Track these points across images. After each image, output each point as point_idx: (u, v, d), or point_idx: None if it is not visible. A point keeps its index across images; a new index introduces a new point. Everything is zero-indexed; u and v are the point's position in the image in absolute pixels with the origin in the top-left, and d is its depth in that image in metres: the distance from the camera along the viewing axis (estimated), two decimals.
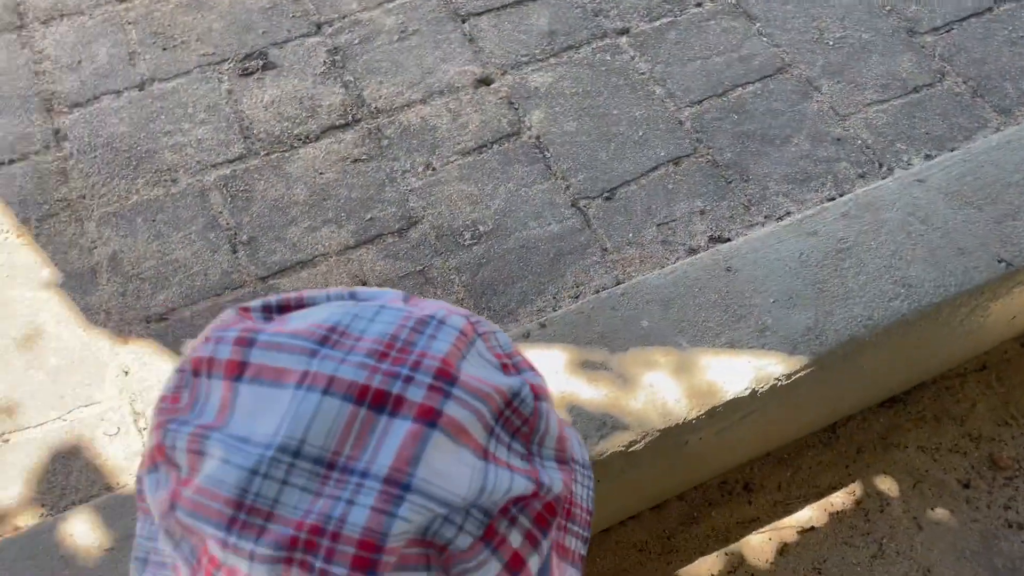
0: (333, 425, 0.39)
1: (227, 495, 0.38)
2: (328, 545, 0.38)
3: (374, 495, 0.38)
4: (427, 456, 0.39)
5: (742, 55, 2.07)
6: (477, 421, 0.41)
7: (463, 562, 0.40)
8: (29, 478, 1.50)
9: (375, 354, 0.42)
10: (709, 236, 1.79)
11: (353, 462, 0.39)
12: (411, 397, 0.41)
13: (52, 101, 2.01)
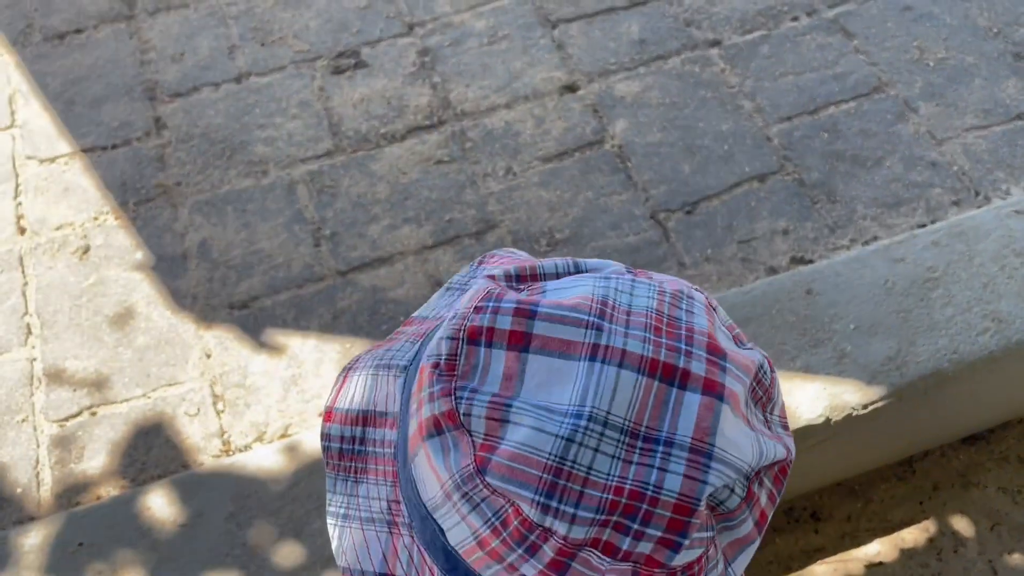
0: (633, 396, 0.42)
1: (546, 461, 0.41)
2: (646, 509, 0.41)
3: (684, 463, 0.42)
4: (720, 426, 0.43)
5: (837, 72, 2.02)
6: (743, 392, 0.45)
7: (727, 521, 0.45)
8: (113, 451, 1.57)
9: (651, 328, 0.45)
10: (791, 257, 1.75)
11: (654, 432, 0.42)
12: (695, 371, 0.44)
13: (155, 90, 2.09)
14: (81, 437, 1.58)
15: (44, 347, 1.69)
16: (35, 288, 1.77)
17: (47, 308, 1.74)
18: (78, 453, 1.57)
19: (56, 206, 1.90)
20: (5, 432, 1.59)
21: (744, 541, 0.46)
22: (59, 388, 1.64)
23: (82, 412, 1.61)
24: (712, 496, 0.43)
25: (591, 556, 0.42)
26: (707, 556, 0.44)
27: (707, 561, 0.44)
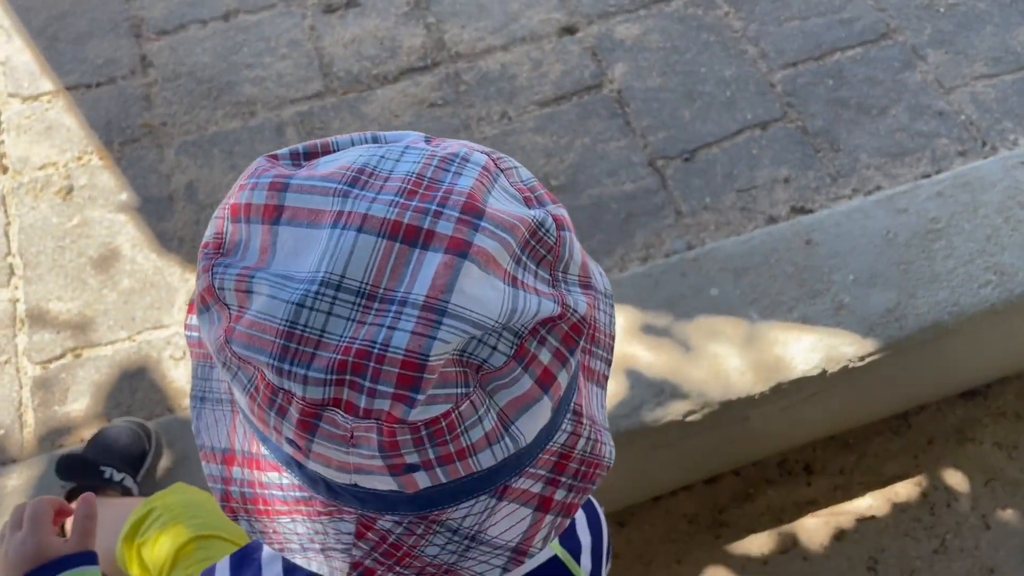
0: (370, 259, 0.43)
1: (278, 327, 0.43)
2: (374, 366, 0.42)
3: (413, 321, 0.43)
4: (460, 283, 0.43)
5: (843, 17, 1.95)
6: (504, 251, 0.45)
7: (498, 379, 0.45)
8: (97, 393, 1.55)
9: (404, 192, 0.45)
10: (791, 206, 1.71)
11: (391, 293, 0.43)
12: (441, 231, 0.44)
13: (141, 27, 2.03)
14: (65, 379, 1.56)
15: (27, 288, 1.66)
16: (18, 228, 1.74)
17: (30, 249, 1.71)
18: (61, 395, 1.54)
19: (39, 145, 1.85)
20: None
21: (525, 399, 0.46)
22: (42, 330, 1.61)
23: (66, 354, 1.59)
24: (466, 353, 0.44)
25: (335, 415, 0.44)
26: (459, 413, 0.44)
27: (460, 418, 0.44)
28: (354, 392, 0.43)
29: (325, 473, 0.48)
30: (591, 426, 0.53)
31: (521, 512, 0.52)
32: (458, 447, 0.45)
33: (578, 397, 0.52)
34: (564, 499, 0.53)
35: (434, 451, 0.45)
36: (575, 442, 0.52)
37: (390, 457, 0.45)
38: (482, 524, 0.51)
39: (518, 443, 0.47)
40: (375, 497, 0.49)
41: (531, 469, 0.51)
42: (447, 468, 0.46)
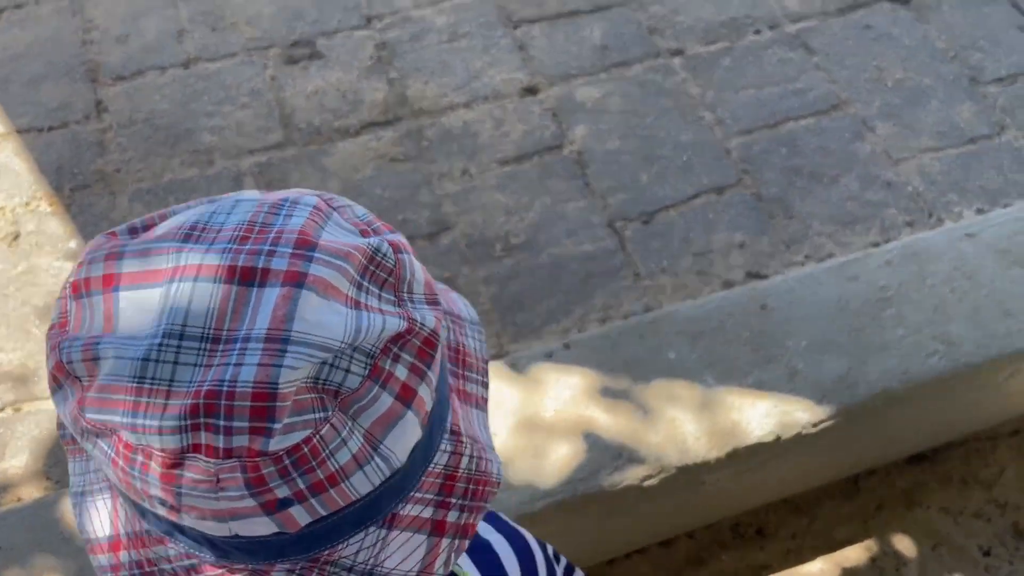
0: (210, 304, 0.44)
1: (127, 385, 0.44)
2: (226, 404, 0.43)
3: (258, 354, 0.44)
4: (299, 312, 0.44)
5: (797, 88, 2.02)
6: (342, 277, 0.46)
7: (357, 400, 0.46)
8: (36, 449, 1.49)
9: (237, 239, 0.46)
10: (746, 271, 1.74)
11: (234, 332, 0.44)
12: (276, 267, 0.45)
13: (97, 72, 2.00)
14: (3, 435, 1.49)
15: None
16: None
17: None
18: None
19: None
20: None
21: (389, 416, 0.47)
22: None
23: (5, 408, 1.52)
24: (320, 379, 0.45)
25: (197, 462, 0.44)
26: (320, 437, 0.45)
27: (323, 442, 0.45)
28: (210, 434, 0.43)
29: (204, 529, 0.47)
30: (472, 445, 0.54)
31: (415, 539, 0.52)
32: (327, 472, 0.46)
33: (454, 418, 0.53)
34: (458, 520, 0.53)
35: (303, 480, 0.45)
36: (458, 461, 0.53)
37: (259, 494, 0.45)
38: (377, 558, 0.51)
39: (391, 463, 0.48)
40: (260, 545, 0.48)
41: (417, 494, 0.51)
42: (322, 498, 0.46)
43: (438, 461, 0.52)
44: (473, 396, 0.56)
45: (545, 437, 1.47)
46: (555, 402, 1.51)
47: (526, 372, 1.55)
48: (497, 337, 1.66)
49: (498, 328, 1.67)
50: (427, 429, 0.50)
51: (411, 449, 0.49)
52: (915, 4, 2.18)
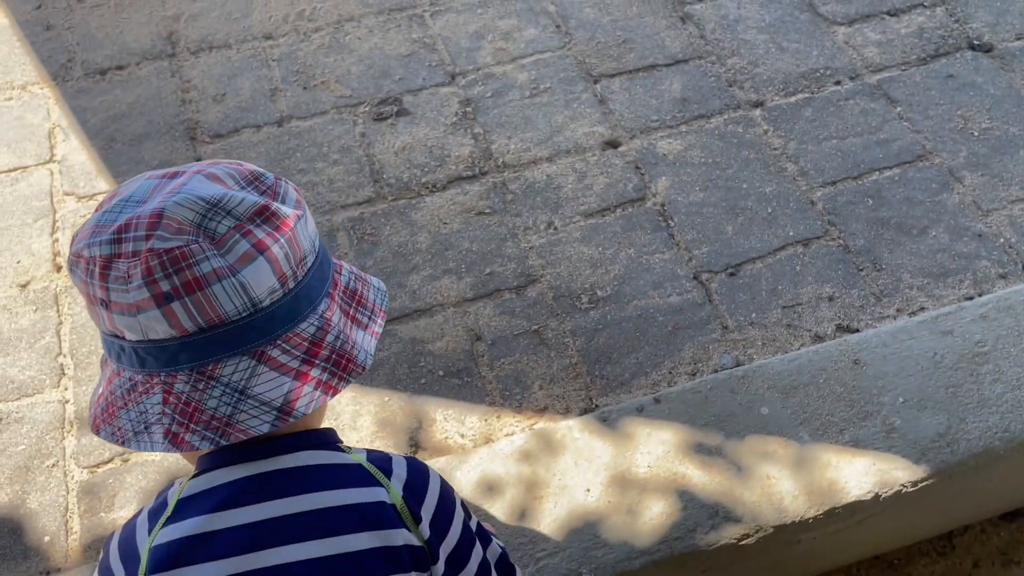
0: (146, 187, 0.75)
1: (92, 225, 0.74)
2: (135, 223, 0.71)
3: (158, 200, 0.72)
4: (190, 184, 0.72)
5: (880, 138, 2.01)
6: (228, 177, 0.74)
7: (223, 244, 0.69)
8: (144, 500, 1.54)
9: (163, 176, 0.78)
10: (837, 324, 1.73)
11: (153, 197, 0.73)
12: (186, 169, 0.76)
13: (196, 130, 2.09)
14: (112, 485, 1.55)
15: (77, 389, 1.67)
16: (69, 328, 1.75)
17: (81, 349, 1.72)
18: (108, 502, 1.53)
19: None
20: (35, 477, 1.56)
21: (245, 257, 0.70)
22: (90, 433, 1.61)
23: (113, 459, 1.58)
24: (202, 224, 0.69)
25: (118, 262, 0.70)
26: (188, 248, 0.68)
27: (190, 252, 0.68)
28: (124, 244, 0.68)
29: (126, 327, 0.70)
30: (341, 334, 0.77)
31: (281, 379, 0.72)
32: (192, 275, 0.68)
33: (328, 312, 0.76)
34: (320, 377, 0.74)
35: (177, 277, 0.67)
36: (323, 336, 0.75)
37: (150, 284, 0.68)
38: (248, 382, 0.71)
39: (248, 292, 0.69)
40: (162, 350, 0.70)
41: (284, 345, 0.72)
42: (193, 299, 0.68)
43: (306, 329, 0.74)
44: (362, 322, 0.81)
45: (639, 494, 1.48)
46: (648, 458, 1.51)
47: (617, 427, 1.56)
48: (586, 390, 1.68)
49: (586, 380, 1.68)
50: (290, 293, 0.72)
51: (272, 295, 0.71)
52: (998, 52, 2.17)
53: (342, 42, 2.26)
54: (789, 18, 2.28)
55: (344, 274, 0.83)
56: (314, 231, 0.78)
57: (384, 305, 0.85)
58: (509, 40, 2.26)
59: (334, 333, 0.76)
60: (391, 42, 2.26)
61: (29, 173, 2.01)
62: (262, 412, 0.70)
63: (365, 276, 0.87)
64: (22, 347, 1.72)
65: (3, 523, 1.51)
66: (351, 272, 0.85)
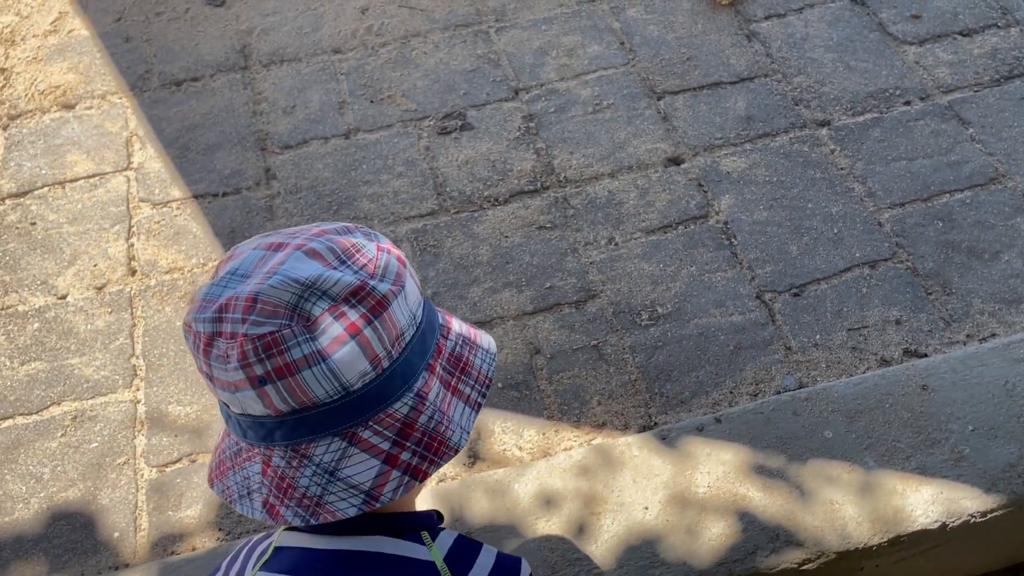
0: (252, 260, 0.74)
1: (199, 303, 0.73)
2: (233, 304, 0.69)
3: (257, 281, 0.70)
4: (289, 262, 0.71)
5: (951, 160, 1.97)
6: (329, 253, 0.72)
7: (317, 326, 0.69)
8: (211, 500, 1.57)
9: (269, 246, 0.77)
10: (904, 349, 1.70)
11: (255, 273, 0.72)
12: (289, 242, 0.74)
13: (266, 141, 2.15)
14: (180, 484, 1.59)
15: (148, 390, 1.72)
16: (143, 330, 1.81)
17: (153, 351, 1.77)
18: (176, 501, 1.57)
19: (166, 250, 1.94)
20: (107, 474, 1.61)
21: (337, 340, 0.70)
22: (160, 433, 1.66)
23: (182, 459, 1.63)
24: (298, 306, 0.69)
25: (218, 341, 0.70)
26: (281, 335, 0.68)
27: (282, 339, 0.68)
28: (224, 324, 0.69)
29: (228, 401, 0.71)
30: (436, 412, 0.75)
31: (371, 462, 0.71)
32: (284, 361, 0.68)
33: (426, 388, 0.74)
34: (410, 460, 0.73)
35: (270, 362, 0.68)
36: (417, 416, 0.73)
37: (245, 367, 0.68)
38: (338, 463, 0.71)
39: (339, 378, 0.69)
40: (259, 425, 0.71)
41: (376, 426, 0.71)
42: (285, 383, 0.68)
43: (399, 409, 0.73)
44: (464, 394, 0.79)
45: (698, 514, 1.46)
46: (707, 477, 1.50)
47: (677, 445, 1.55)
48: (645, 407, 1.67)
49: (645, 398, 1.68)
50: (383, 374, 0.71)
51: (364, 378, 0.70)
52: None
53: (408, 57, 2.30)
54: (858, 37, 2.25)
55: (451, 338, 0.80)
56: (417, 300, 0.76)
57: (492, 371, 0.82)
58: (573, 56, 2.27)
59: (428, 412, 0.74)
60: (456, 57, 2.29)
61: (107, 180, 2.08)
62: (350, 495, 0.71)
63: (474, 337, 0.83)
64: (97, 348, 1.78)
65: (75, 518, 1.56)
66: (459, 335, 0.82)
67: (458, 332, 0.82)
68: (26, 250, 1.95)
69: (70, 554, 1.52)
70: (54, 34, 2.41)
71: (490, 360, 0.82)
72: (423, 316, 0.77)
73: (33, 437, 1.66)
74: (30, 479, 1.61)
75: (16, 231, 1.98)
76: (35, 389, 1.72)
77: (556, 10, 2.38)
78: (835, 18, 2.30)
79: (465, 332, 0.83)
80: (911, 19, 2.28)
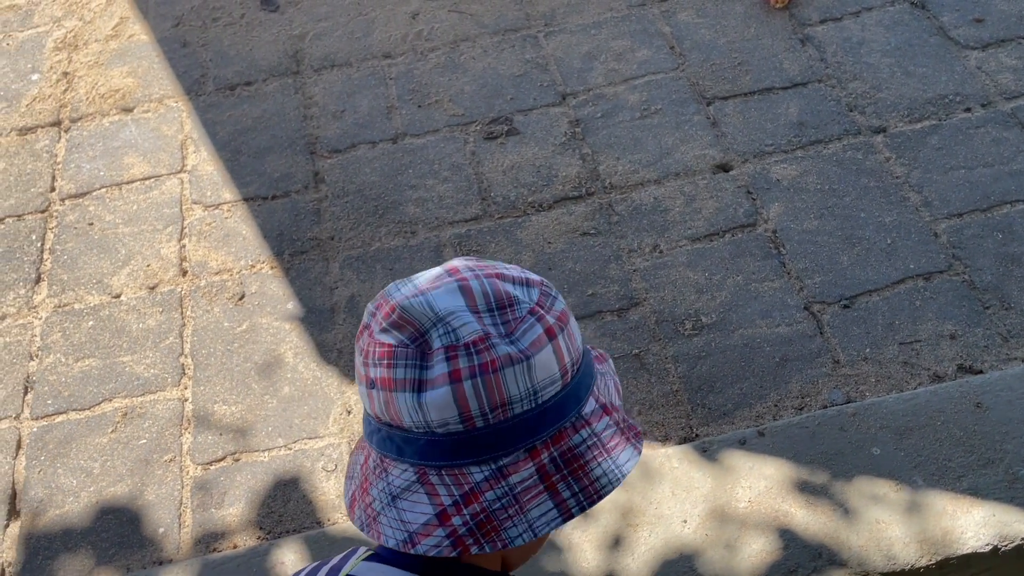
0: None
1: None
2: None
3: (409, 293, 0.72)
4: (440, 290, 0.70)
5: (1013, 169, 1.90)
6: (482, 297, 0.70)
7: (429, 359, 0.67)
8: (252, 499, 1.60)
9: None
10: (958, 364, 1.64)
11: None
12: (445, 278, 0.73)
13: (315, 145, 2.17)
14: (223, 483, 1.62)
15: (195, 389, 1.75)
16: (192, 330, 1.85)
17: (201, 351, 1.81)
18: (219, 498, 1.60)
19: (217, 251, 1.98)
20: (154, 470, 1.65)
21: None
22: (206, 431, 1.69)
23: (226, 457, 1.65)
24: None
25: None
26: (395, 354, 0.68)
27: (395, 355, 0.68)
28: (373, 319, 0.71)
29: (379, 413, 0.70)
30: (508, 500, 0.69)
31: (424, 507, 0.69)
32: (387, 375, 0.68)
33: (511, 468, 0.69)
34: (458, 529, 0.68)
35: (375, 371, 0.69)
36: (486, 489, 0.69)
37: (364, 365, 0.70)
38: (402, 493, 0.70)
39: (425, 415, 0.67)
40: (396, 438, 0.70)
41: (446, 476, 0.69)
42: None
43: (473, 473, 0.69)
44: (559, 494, 0.71)
45: (738, 529, 1.44)
46: (749, 492, 1.47)
47: (718, 458, 1.52)
48: (687, 418, 1.65)
49: (687, 409, 1.65)
50: (470, 431, 0.67)
51: (447, 427, 0.67)
52: None
53: (457, 62, 2.31)
54: (917, 41, 2.19)
55: (583, 432, 0.71)
56: (549, 377, 0.69)
57: (607, 490, 0.71)
58: (621, 61, 2.25)
59: (498, 492, 0.68)
60: (504, 62, 2.29)
61: (161, 181, 2.13)
62: (396, 528, 0.69)
63: (608, 443, 0.73)
64: (148, 346, 1.83)
65: (122, 512, 1.60)
66: (602, 428, 0.73)
67: (603, 426, 0.73)
68: (83, 250, 2.01)
69: (116, 548, 1.56)
70: (115, 39, 2.48)
71: (616, 478, 0.72)
72: (554, 397, 0.70)
73: (85, 432, 1.71)
74: (81, 473, 1.65)
75: (74, 231, 2.05)
76: (88, 385, 1.77)
77: (606, 14, 2.37)
78: (894, 22, 2.24)
79: (615, 421, 0.74)
80: (974, 23, 2.20)
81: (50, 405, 1.75)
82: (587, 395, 0.72)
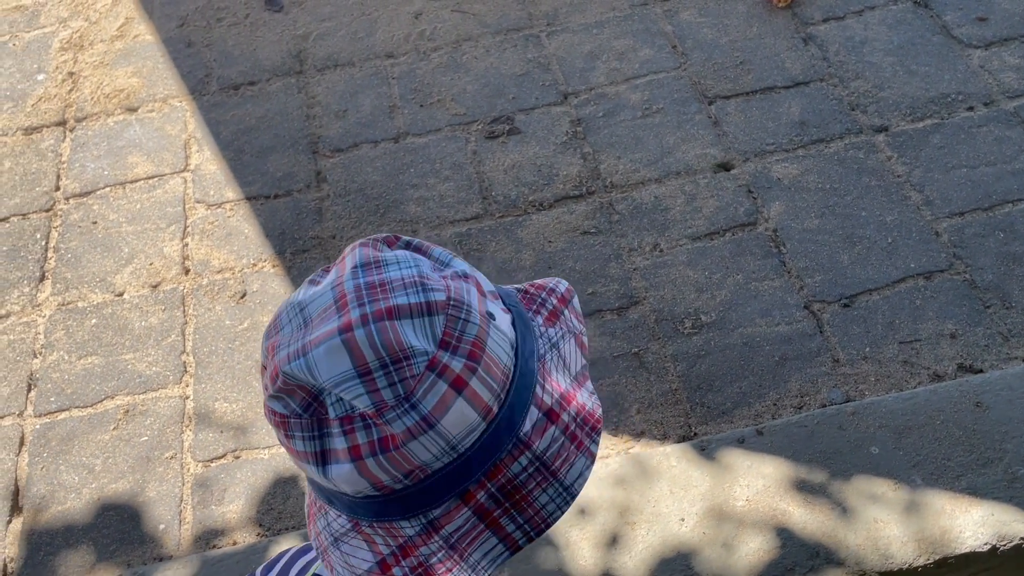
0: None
1: None
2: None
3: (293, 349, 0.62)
4: (319, 351, 0.60)
5: (1016, 168, 1.90)
6: (371, 349, 0.60)
7: (325, 425, 0.61)
8: (252, 497, 1.61)
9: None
10: (958, 364, 1.64)
11: None
12: (350, 312, 0.63)
13: (318, 144, 2.18)
14: (223, 480, 1.63)
15: (197, 386, 1.77)
16: (193, 328, 1.86)
17: (203, 348, 1.82)
18: (219, 495, 1.61)
19: (219, 250, 1.99)
20: (155, 467, 1.66)
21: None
22: (207, 429, 1.70)
23: (227, 455, 1.66)
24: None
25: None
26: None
27: (289, 426, 0.61)
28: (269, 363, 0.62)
29: (343, 488, 0.62)
30: (444, 552, 0.63)
31: (366, 555, 0.64)
32: (288, 445, 0.62)
33: (445, 517, 0.63)
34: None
35: (277, 432, 0.62)
36: (421, 543, 0.64)
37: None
38: (342, 537, 0.65)
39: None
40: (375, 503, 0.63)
41: (380, 531, 0.63)
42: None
43: (405, 529, 0.64)
44: (503, 529, 0.65)
45: (736, 528, 1.44)
46: (747, 491, 1.47)
47: (716, 457, 1.52)
48: (685, 417, 1.65)
49: (686, 407, 1.65)
50: (411, 487, 0.61)
51: (386, 486, 0.61)
52: None
53: (459, 61, 2.32)
54: (920, 40, 2.18)
55: (522, 460, 0.63)
56: (467, 419, 0.61)
57: (557, 516, 0.65)
58: (623, 60, 2.25)
59: (433, 547, 0.63)
60: (506, 62, 2.29)
61: (165, 180, 2.14)
62: (345, 568, 0.66)
63: (554, 464, 0.65)
64: (150, 344, 1.84)
65: (123, 509, 1.61)
66: (545, 447, 0.64)
67: (542, 450, 0.64)
68: (87, 248, 2.02)
69: (117, 544, 1.57)
70: (120, 39, 2.50)
71: (564, 503, 0.65)
72: (478, 441, 0.62)
73: (87, 429, 1.72)
74: (82, 470, 1.67)
75: (78, 230, 2.06)
76: (90, 383, 1.79)
77: (608, 14, 2.37)
78: (897, 21, 2.24)
79: (550, 457, 0.65)
80: (977, 21, 2.20)
81: (53, 402, 1.77)
82: (524, 414, 0.63)
